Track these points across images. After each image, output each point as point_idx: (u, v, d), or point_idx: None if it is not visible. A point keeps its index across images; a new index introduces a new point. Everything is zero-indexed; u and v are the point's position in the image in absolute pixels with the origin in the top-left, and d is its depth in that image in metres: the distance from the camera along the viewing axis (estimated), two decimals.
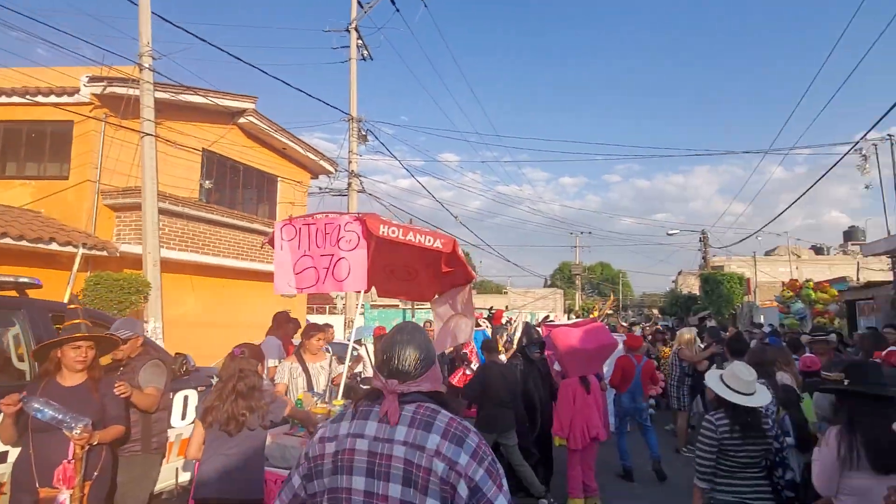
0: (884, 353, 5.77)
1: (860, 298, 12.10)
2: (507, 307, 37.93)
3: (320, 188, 13.77)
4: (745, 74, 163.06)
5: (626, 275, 67.41)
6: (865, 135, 12.55)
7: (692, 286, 35.89)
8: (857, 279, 16.13)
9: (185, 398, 4.53)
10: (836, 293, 12.77)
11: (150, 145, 8.23)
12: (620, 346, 7.13)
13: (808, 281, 13.86)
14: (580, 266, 40.30)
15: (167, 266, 8.87)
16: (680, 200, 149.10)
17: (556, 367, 5.86)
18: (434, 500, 1.43)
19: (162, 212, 8.67)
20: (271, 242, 4.10)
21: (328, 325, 7.56)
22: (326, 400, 4.26)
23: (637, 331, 12.89)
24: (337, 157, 13.86)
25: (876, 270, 19.12)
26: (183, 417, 4.47)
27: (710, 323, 21.07)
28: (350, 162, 13.30)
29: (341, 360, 4.78)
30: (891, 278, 10.09)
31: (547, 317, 14.34)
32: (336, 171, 13.48)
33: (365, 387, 4.65)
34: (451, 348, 6.74)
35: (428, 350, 1.63)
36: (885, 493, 2.23)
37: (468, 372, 7.28)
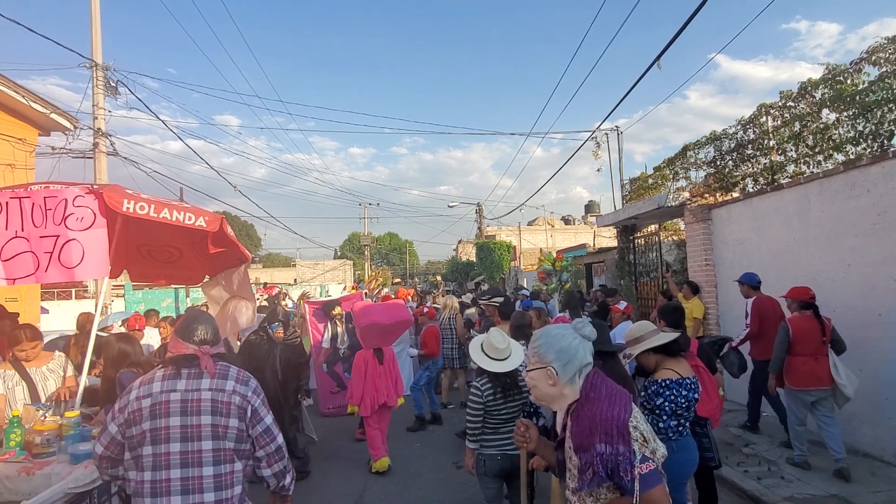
0: (622, 306, 7.16)
1: (595, 262, 14.68)
2: (295, 280, 36.68)
3: (53, 148, 11.20)
4: (514, 62, 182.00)
5: (413, 244, 70.95)
6: (599, 125, 15.29)
7: (469, 254, 39.33)
8: (594, 245, 19.50)
9: None
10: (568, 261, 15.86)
11: None
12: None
13: (559, 252, 16.51)
14: (369, 237, 40.89)
15: None
16: (460, 174, 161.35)
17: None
18: (234, 419, 2.18)
19: None
20: None
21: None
22: (59, 411, 3.49)
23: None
24: (78, 111, 11.44)
25: (607, 238, 23.41)
26: None
27: (484, 286, 23.44)
28: (95, 118, 11.09)
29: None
30: (616, 244, 12.38)
31: (304, 293, 14.39)
32: (76, 127, 11.08)
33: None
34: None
35: (213, 324, 2.36)
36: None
37: None
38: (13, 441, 3.09)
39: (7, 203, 3.03)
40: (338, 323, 8.28)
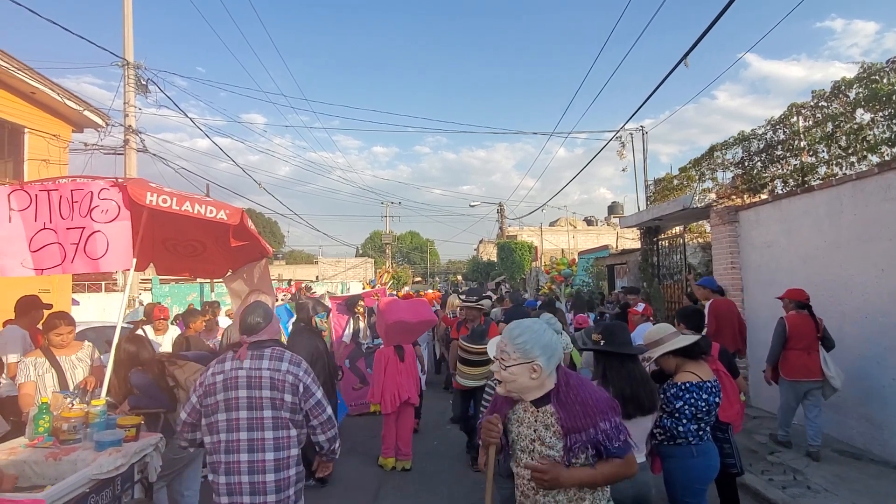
0: (641, 308, 7.05)
1: (617, 263, 14.50)
2: (317, 277, 37.08)
3: (86, 144, 11.51)
4: (538, 62, 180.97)
5: (434, 243, 71.04)
6: (624, 125, 15.10)
7: (491, 254, 39.14)
8: (617, 247, 19.25)
9: None
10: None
11: None
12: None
13: (573, 258, 16.41)
14: (391, 235, 41.06)
15: None
16: (483, 173, 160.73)
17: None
18: (289, 394, 2.60)
19: None
20: None
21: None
22: (86, 399, 3.58)
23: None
24: (110, 109, 11.75)
25: (630, 239, 23.08)
26: None
27: (505, 287, 23.34)
28: (126, 115, 11.38)
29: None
30: (640, 246, 12.19)
31: (305, 286, 14.55)
32: (108, 124, 11.38)
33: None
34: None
35: (266, 315, 2.77)
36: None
37: None
38: (42, 427, 3.18)
39: (36, 195, 3.13)
40: (360, 318, 8.28)
